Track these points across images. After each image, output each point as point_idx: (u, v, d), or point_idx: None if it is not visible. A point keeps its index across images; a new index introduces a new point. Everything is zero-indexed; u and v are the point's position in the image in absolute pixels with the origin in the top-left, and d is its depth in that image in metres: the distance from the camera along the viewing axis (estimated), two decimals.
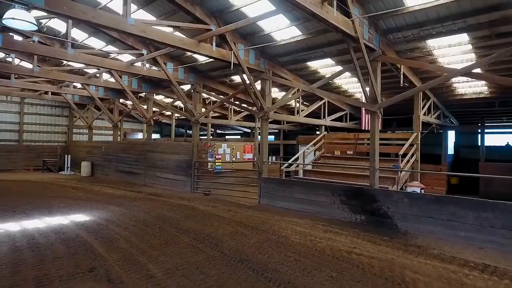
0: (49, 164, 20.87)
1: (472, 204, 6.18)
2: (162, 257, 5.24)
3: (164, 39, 7.19)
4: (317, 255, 5.50)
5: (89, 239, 6.18)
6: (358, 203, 7.66)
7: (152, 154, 14.57)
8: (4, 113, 20.41)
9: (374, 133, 7.70)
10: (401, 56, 8.65)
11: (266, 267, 4.88)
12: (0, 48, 7.72)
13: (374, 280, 4.53)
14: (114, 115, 18.14)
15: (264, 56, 10.04)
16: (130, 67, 10.62)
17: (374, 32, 7.40)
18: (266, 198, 9.80)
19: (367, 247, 5.97)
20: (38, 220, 7.60)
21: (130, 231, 6.76)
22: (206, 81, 13.01)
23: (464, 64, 8.58)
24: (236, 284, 4.30)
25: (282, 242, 6.15)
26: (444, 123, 13.72)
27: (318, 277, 4.56)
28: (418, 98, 10.30)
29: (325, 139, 13.24)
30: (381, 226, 7.20)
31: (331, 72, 10.67)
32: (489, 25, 6.80)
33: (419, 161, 10.39)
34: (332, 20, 5.82)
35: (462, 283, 4.49)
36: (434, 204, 6.60)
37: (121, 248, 5.69)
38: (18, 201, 9.90)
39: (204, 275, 4.56)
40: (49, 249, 5.57)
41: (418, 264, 5.18)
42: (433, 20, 7.01)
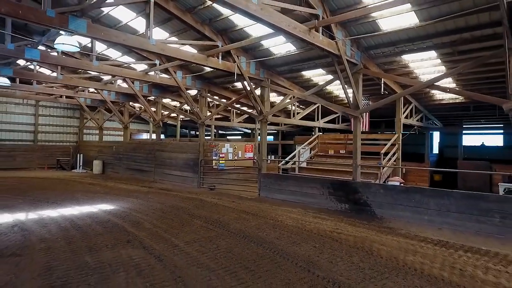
0: (62, 163, 22.18)
1: (433, 193, 7.47)
2: (181, 234, 6.53)
3: (179, 55, 8.47)
4: (306, 233, 6.78)
5: (119, 222, 7.47)
6: (343, 194, 8.95)
7: (161, 153, 15.86)
8: (21, 115, 21.72)
9: (356, 134, 8.99)
10: (381, 68, 9.95)
11: (264, 241, 6.16)
12: (39, 61, 9.01)
13: (347, 249, 5.81)
14: (125, 117, 19.43)
15: (263, 67, 11.34)
16: (145, 76, 11.92)
17: (356, 49, 8.69)
18: (265, 191, 11.08)
19: (347, 229, 7.26)
20: (71, 208, 8.89)
21: (151, 217, 8.05)
22: (211, 87, 14.31)
23: (435, 74, 9.85)
24: (241, 250, 5.58)
25: (278, 225, 7.44)
26: (427, 125, 15.02)
27: (304, 247, 5.84)
28: (399, 103, 11.59)
29: (318, 139, 14.54)
30: (361, 213, 8.48)
31: (323, 80, 11.97)
32: (450, 45, 8.10)
33: (401, 159, 11.67)
34: (318, 43, 7.11)
35: (415, 251, 5.77)
36: (404, 193, 7.89)
37: (147, 228, 6.98)
38: (47, 194, 11.18)
39: (216, 245, 5.85)
40: (89, 228, 6.86)
41: (386, 239, 6.47)
42: (404, 40, 8.32)
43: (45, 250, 5.39)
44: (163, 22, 9.56)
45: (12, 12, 5.59)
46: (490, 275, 4.72)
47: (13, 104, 21.35)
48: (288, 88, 12.49)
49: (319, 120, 15.69)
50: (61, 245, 5.72)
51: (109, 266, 4.73)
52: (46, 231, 6.56)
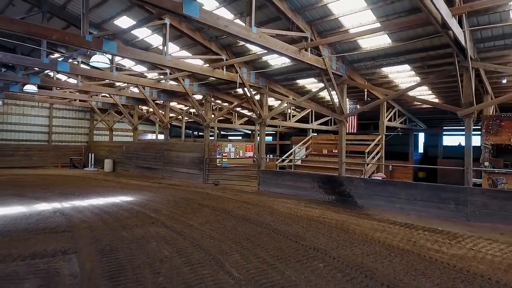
0: (75, 161, 23.53)
1: (404, 185, 8.83)
2: (194, 217, 7.87)
3: (190, 68, 9.83)
4: (297, 218, 8.13)
5: (141, 209, 8.81)
6: (330, 187, 10.31)
7: (170, 152, 17.21)
8: (36, 117, 23.08)
9: (342, 135, 10.35)
10: (365, 78, 11.31)
11: (262, 222, 7.51)
12: (68, 73, 10.36)
13: (329, 228, 7.15)
14: (134, 119, 20.78)
15: (262, 76, 12.69)
16: (157, 83, 13.27)
17: (341, 63, 10.05)
18: (264, 186, 12.43)
19: (332, 215, 8.61)
20: (96, 199, 10.24)
21: (167, 206, 9.40)
22: (215, 92, 15.67)
23: (412, 83, 11.22)
24: (243, 229, 6.92)
25: (274, 212, 8.79)
26: (410, 126, 16.38)
27: (294, 227, 7.19)
28: (382, 107, 12.94)
29: (312, 140, 15.90)
30: (345, 203, 9.83)
31: (316, 87, 13.32)
32: (420, 60, 9.46)
33: (384, 157, 13.03)
34: (307, 60, 8.46)
35: (383, 230, 7.11)
36: (380, 186, 9.25)
37: (165, 213, 8.33)
38: (70, 189, 12.53)
39: (223, 225, 7.20)
40: (117, 213, 8.21)
41: (362, 222, 7.81)
42: (382, 55, 9.67)
43: (88, 228, 6.75)
44: (175, 38, 10.91)
45: (61, 39, 6.94)
46: (436, 245, 6.07)
47: (29, 107, 22.70)
48: (284, 94, 13.85)
49: (313, 122, 17.05)
50: (99, 225, 7.07)
51: (142, 238, 6.08)
52: (83, 216, 7.91)
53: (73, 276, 4.33)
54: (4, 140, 21.60)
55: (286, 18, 8.00)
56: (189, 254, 5.26)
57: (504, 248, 5.99)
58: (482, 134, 10.48)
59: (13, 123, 21.99)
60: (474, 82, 9.32)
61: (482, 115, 10.55)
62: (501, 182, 10.04)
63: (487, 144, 10.44)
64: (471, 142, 8.12)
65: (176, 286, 4.06)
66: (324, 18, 8.24)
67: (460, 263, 5.10)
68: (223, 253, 5.31)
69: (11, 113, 21.85)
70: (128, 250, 5.40)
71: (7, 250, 5.27)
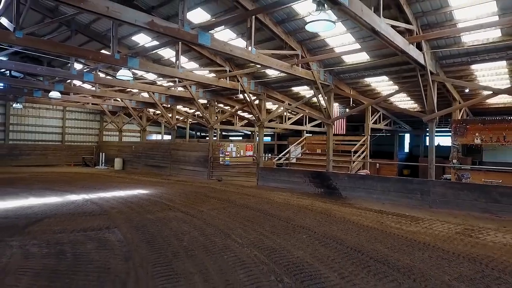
0: (87, 160, 25.01)
1: (380, 179, 10.31)
2: (203, 205, 9.35)
3: (198, 79, 11.31)
4: (289, 206, 9.60)
5: (157, 199, 10.29)
6: (319, 181, 11.78)
7: (176, 152, 18.69)
8: (51, 119, 24.58)
9: (329, 136, 11.83)
10: (350, 87, 12.80)
11: (260, 209, 8.98)
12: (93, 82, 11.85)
13: (315, 213, 8.63)
14: (143, 121, 22.25)
15: (261, 84, 14.17)
16: (167, 90, 14.76)
17: (328, 74, 11.54)
18: (262, 181, 13.90)
19: (319, 204, 10.08)
20: (117, 192, 11.70)
21: (179, 197, 10.87)
22: (219, 97, 17.15)
23: (391, 91, 12.69)
24: (244, 213, 8.39)
25: (270, 201, 10.26)
26: (395, 128, 17.87)
27: (286, 212, 8.66)
28: (367, 111, 14.42)
29: (306, 140, 17.38)
30: (332, 195, 11.31)
31: (309, 94, 14.79)
32: (396, 72, 10.95)
33: (369, 156, 14.52)
34: (298, 73, 9.95)
35: (359, 215, 8.58)
36: (361, 180, 10.73)
37: (179, 203, 9.80)
38: (90, 184, 13.99)
39: (228, 211, 8.67)
40: (139, 202, 9.69)
41: (343, 209, 9.28)
42: (363, 68, 11.15)
43: (118, 212, 8.22)
44: (185, 52, 12.31)
45: (96, 58, 8.43)
46: (398, 225, 7.54)
47: (44, 110, 24.19)
48: (281, 99, 15.34)
49: (307, 124, 18.53)
50: (127, 210, 8.55)
51: (164, 219, 7.56)
52: (111, 204, 9.38)
53: (120, 242, 5.81)
54: (22, 140, 23.08)
55: (279, 39, 9.49)
56: (203, 229, 6.74)
57: (452, 227, 7.46)
58: (451, 135, 11.95)
59: (30, 125, 23.49)
60: (444, 91, 10.85)
61: (451, 119, 12.04)
62: (466, 177, 11.55)
63: (455, 144, 11.93)
64: (434, 143, 9.60)
65: (196, 247, 5.53)
66: (312, 39, 9.72)
67: (412, 236, 6.57)
68: (229, 229, 6.78)
69: (28, 115, 23.33)
70: (155, 226, 6.88)
71: (62, 226, 6.75)
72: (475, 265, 4.93)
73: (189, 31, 6.54)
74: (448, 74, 10.35)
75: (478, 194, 8.43)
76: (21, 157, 22.61)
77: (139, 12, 5.88)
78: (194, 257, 5.03)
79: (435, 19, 7.73)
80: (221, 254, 5.18)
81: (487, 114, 14.44)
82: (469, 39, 8.44)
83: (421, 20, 7.78)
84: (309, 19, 5.33)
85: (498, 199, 8.11)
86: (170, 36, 6.37)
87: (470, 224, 7.66)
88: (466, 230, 7.17)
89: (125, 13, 5.52)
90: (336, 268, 4.69)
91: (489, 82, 11.14)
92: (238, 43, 10.18)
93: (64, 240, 5.78)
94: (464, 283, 4.24)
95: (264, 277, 4.34)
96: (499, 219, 8.05)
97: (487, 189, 8.42)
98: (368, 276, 4.45)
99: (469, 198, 8.55)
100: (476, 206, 8.42)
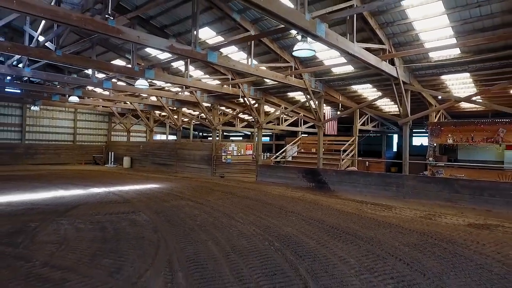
0: (97, 159, 26.43)
1: (362, 174, 11.72)
2: (209, 196, 10.76)
3: (205, 86, 12.73)
4: (284, 197, 11.01)
5: (169, 191, 11.70)
6: (311, 177, 13.20)
7: (182, 151, 20.10)
8: (63, 120, 25.98)
9: (320, 137, 13.24)
10: (339, 93, 14.21)
11: (258, 199, 10.40)
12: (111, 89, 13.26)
13: (305, 203, 10.04)
14: (150, 122, 23.67)
15: (259, 90, 15.59)
16: (175, 95, 16.17)
17: (319, 82, 12.95)
18: (260, 177, 15.32)
19: (310, 195, 11.49)
20: (132, 186, 13.11)
21: (187, 190, 12.29)
22: (221, 101, 18.56)
23: (375, 96, 14.10)
24: (245, 203, 9.80)
25: (267, 194, 11.67)
26: (383, 129, 19.30)
27: (281, 202, 10.07)
28: (356, 114, 15.83)
29: (301, 140, 18.81)
30: (321, 188, 12.72)
31: (303, 98, 16.20)
32: (377, 81, 12.37)
33: (357, 154, 15.94)
34: (291, 82, 11.36)
35: (343, 204, 9.99)
36: (346, 175, 12.15)
37: (188, 194, 11.21)
38: (106, 180, 15.40)
39: (231, 201, 10.09)
40: (153, 194, 11.10)
41: (330, 200, 10.70)
42: (349, 78, 12.56)
43: (139, 201, 9.64)
44: (192, 61, 13.78)
45: (119, 70, 9.84)
46: (373, 211, 8.95)
47: (57, 111, 25.59)
48: (277, 103, 16.76)
49: (301, 126, 19.96)
50: (145, 199, 9.97)
51: (178, 206, 8.97)
52: (130, 195, 10.79)
53: (146, 221, 7.22)
54: (37, 140, 24.49)
55: (275, 53, 10.90)
56: (211, 213, 8.16)
57: (418, 213, 8.87)
58: (428, 136, 13.37)
59: (44, 126, 24.90)
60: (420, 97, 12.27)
61: (427, 121, 13.46)
62: (439, 173, 12.98)
63: (431, 144, 13.35)
64: (408, 143, 11.02)
65: (207, 225, 6.94)
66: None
67: (382, 219, 7.98)
68: (232, 213, 8.20)
69: (43, 117, 24.74)
70: (171, 211, 8.29)
71: (96, 211, 8.17)
72: (423, 237, 6.35)
73: (200, 51, 7.96)
74: (422, 83, 11.78)
75: (442, 186, 9.85)
76: (36, 156, 24.02)
77: (161, 39, 7.29)
78: (207, 231, 6.46)
79: (405, 39, 9.14)
80: (227, 229, 6.60)
81: (462, 117, 15.88)
82: (436, 55, 9.84)
83: (393, 40, 9.20)
84: (295, 48, 6.75)
85: (459, 190, 9.54)
86: (185, 56, 7.78)
87: (434, 211, 9.08)
88: (428, 215, 8.59)
89: (151, 40, 6.94)
90: (315, 238, 6.11)
91: (459, 90, 12.57)
92: (239, 55, 11.63)
93: (102, 220, 7.20)
94: (408, 247, 5.66)
95: (260, 243, 5.76)
96: (459, 207, 9.48)
97: (450, 182, 9.85)
98: (338, 242, 5.87)
99: (435, 189, 9.97)
100: (441, 197, 9.85)
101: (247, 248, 5.46)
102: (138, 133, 29.58)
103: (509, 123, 11.50)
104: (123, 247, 5.36)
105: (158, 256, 4.99)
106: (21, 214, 7.72)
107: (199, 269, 4.48)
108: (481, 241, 6.05)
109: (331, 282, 4.14)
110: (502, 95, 12.41)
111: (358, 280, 4.24)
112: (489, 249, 5.63)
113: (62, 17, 5.43)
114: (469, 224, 7.58)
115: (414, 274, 4.44)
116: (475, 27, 8.00)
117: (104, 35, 6.31)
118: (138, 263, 4.65)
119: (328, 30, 6.19)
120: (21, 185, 12.51)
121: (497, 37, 7.52)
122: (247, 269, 4.52)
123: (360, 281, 4.19)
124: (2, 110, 22.82)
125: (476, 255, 5.29)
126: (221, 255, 5.04)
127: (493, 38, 7.55)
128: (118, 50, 13.45)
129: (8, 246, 5.31)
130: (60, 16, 5.40)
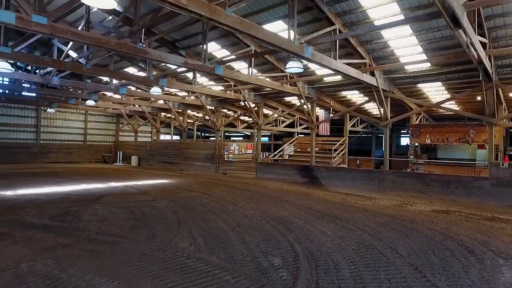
0: (106, 158, 27.85)
1: (350, 170, 13.16)
2: (215, 189, 12.20)
3: (210, 92, 14.16)
4: (280, 190, 12.44)
5: (179, 185, 13.13)
6: (305, 172, 14.63)
7: (187, 150, 21.52)
8: (75, 121, 27.40)
9: (312, 137, 14.68)
10: (331, 98, 15.66)
11: (257, 192, 11.83)
12: (126, 94, 14.69)
13: (298, 194, 11.48)
14: (157, 123, 25.10)
15: (259, 94, 17.03)
16: (183, 99, 17.61)
17: (312, 89, 14.40)
18: (260, 173, 16.75)
19: (303, 189, 12.93)
20: (144, 181, 14.52)
21: (194, 184, 13.72)
22: (224, 104, 20.01)
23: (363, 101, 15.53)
24: (246, 194, 11.24)
25: (266, 187, 13.11)
26: (372, 130, 20.76)
27: (277, 193, 11.51)
28: (346, 117, 17.28)
29: (297, 140, 20.26)
30: (314, 183, 14.16)
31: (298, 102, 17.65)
32: (362, 88, 13.81)
33: (347, 153, 17.38)
34: (287, 90, 12.80)
35: (331, 195, 11.43)
36: (336, 171, 13.59)
37: (196, 188, 12.64)
38: (118, 176, 16.81)
39: (234, 193, 11.52)
40: (166, 187, 12.53)
41: (320, 192, 12.13)
42: (339, 85, 14.00)
43: (155, 192, 11.06)
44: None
45: (137, 80, 11.28)
46: (355, 201, 10.38)
47: (69, 113, 27.01)
48: (275, 107, 18.21)
49: (298, 127, 21.41)
50: (159, 191, 11.40)
51: (189, 196, 10.41)
52: (146, 188, 12.22)
53: (165, 207, 8.65)
54: (51, 140, 25.91)
55: (272, 64, 12.34)
56: (218, 201, 9.61)
57: (394, 202, 10.31)
58: (409, 137, 14.83)
59: (58, 126, 26.30)
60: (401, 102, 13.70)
61: (409, 123, 14.92)
62: (419, 169, 14.44)
63: (412, 144, 14.81)
64: (388, 143, 12.45)
65: (216, 209, 8.38)
66: None
67: (361, 206, 9.42)
68: (236, 201, 9.64)
69: (56, 118, 26.15)
70: (184, 200, 9.73)
71: (121, 199, 9.60)
72: (390, 218, 7.79)
73: (209, 65, 9.40)
74: (402, 90, 13.22)
75: (416, 180, 11.30)
76: (50, 155, 25.43)
77: (178, 56, 8.74)
78: (216, 214, 7.90)
79: (383, 54, 10.57)
80: (232, 213, 8.05)
81: (442, 119, 17.35)
82: (410, 68, 11.30)
83: (373, 54, 10.63)
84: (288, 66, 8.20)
85: (430, 184, 10.98)
86: (196, 70, 9.22)
87: (407, 201, 10.52)
88: (402, 203, 10.03)
89: (170, 58, 8.37)
90: (303, 219, 7.55)
91: (435, 95, 14.02)
92: (241, 64, 13.08)
93: (129, 206, 8.64)
94: (375, 225, 7.10)
95: (259, 221, 7.20)
96: (430, 197, 10.93)
97: (423, 176, 11.30)
98: (321, 222, 7.31)
99: (411, 183, 11.42)
100: (416, 189, 11.29)
101: (249, 224, 6.90)
102: (144, 133, 31.00)
103: (478, 125, 12.96)
104: (152, 224, 6.80)
105: (180, 229, 6.43)
106: (59, 202, 9.14)
107: (213, 236, 5.93)
108: (435, 221, 7.50)
109: (311, 245, 5.58)
110: (472, 100, 13.86)
111: (331, 243, 5.68)
112: (439, 226, 7.07)
113: (103, 43, 6.86)
114: (433, 210, 9.03)
115: (373, 240, 5.89)
116: (439, 46, 9.44)
117: (134, 55, 7.75)
118: (167, 233, 6.09)
119: (314, 52, 7.63)
120: (47, 180, 13.95)
121: (454, 56, 8.99)
122: (249, 237, 5.96)
123: (333, 244, 5.63)
124: (19, 112, 24.24)
125: (426, 230, 6.73)
126: (229, 229, 6.48)
127: (450, 56, 9.02)
128: (131, 59, 14.87)
129: (63, 222, 6.75)
130: (103, 43, 6.84)
